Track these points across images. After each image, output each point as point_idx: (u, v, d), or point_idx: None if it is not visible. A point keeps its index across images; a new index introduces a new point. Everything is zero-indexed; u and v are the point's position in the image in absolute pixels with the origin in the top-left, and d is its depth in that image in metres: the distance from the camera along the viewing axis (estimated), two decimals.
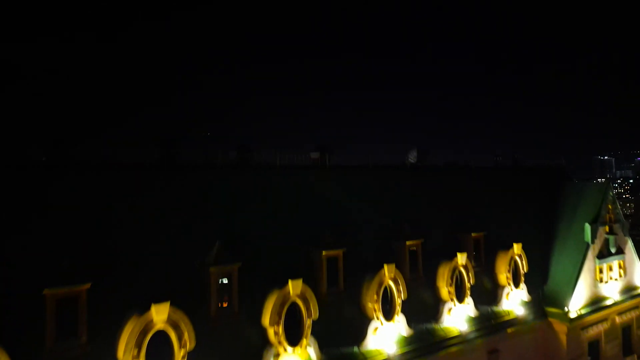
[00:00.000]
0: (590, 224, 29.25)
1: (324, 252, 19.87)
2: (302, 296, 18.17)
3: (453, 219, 26.61)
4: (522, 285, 27.04)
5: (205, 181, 19.58)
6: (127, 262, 15.92)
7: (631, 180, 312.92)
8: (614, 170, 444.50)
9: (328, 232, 20.48)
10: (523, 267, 26.98)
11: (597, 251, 29.64)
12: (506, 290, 26.33)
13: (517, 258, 26.88)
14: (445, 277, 23.44)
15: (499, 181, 31.20)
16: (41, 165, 16.81)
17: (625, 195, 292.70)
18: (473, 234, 25.85)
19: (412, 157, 42.81)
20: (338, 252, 20.33)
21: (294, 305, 18.03)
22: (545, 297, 28.40)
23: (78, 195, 16.36)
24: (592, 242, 29.17)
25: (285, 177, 21.71)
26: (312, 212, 21.47)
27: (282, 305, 17.71)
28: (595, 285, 29.39)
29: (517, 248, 26.78)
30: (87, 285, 14.38)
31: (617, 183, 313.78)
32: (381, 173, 25.28)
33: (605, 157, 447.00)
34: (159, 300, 14.75)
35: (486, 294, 25.88)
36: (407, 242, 22.75)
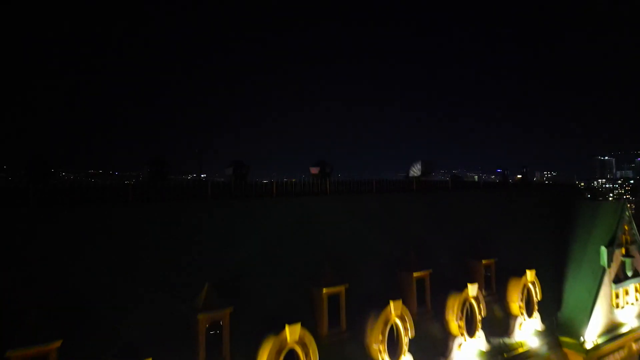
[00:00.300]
0: (606, 247, 27.61)
1: (324, 290, 18.16)
2: (301, 341, 16.47)
3: (462, 244, 24.93)
4: (536, 314, 25.38)
5: (190, 213, 17.68)
6: (102, 312, 14.20)
7: (632, 181, 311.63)
8: (614, 170, 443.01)
9: (329, 266, 18.79)
10: (537, 295, 25.31)
11: (613, 275, 28.01)
12: (519, 320, 24.65)
13: (531, 286, 25.20)
14: (455, 310, 21.74)
15: (509, 200, 29.49)
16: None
17: (626, 196, 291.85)
18: (484, 261, 24.17)
19: (417, 169, 41.19)
20: (340, 289, 18.63)
21: (292, 352, 16.35)
22: (560, 326, 26.75)
23: (43, 236, 14.61)
24: (609, 266, 27.55)
25: (281, 204, 19.95)
26: (311, 242, 19.74)
27: (278, 353, 16.02)
28: (611, 312, 27.76)
29: (530, 275, 25.10)
30: (58, 343, 12.69)
31: (617, 184, 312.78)
32: (385, 196, 23.52)
33: (606, 157, 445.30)
34: (140, 357, 13.08)
35: (498, 325, 24.20)
36: (415, 274, 21.07)
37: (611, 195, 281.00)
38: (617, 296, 28.04)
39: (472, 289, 22.23)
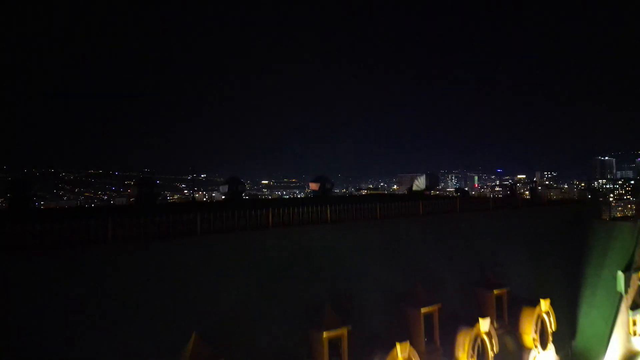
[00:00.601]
0: (622, 271, 26.01)
1: (324, 334, 16.52)
2: None
3: (472, 271, 23.35)
4: (550, 345, 23.78)
5: (176, 252, 15.92)
6: None
7: (632, 181, 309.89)
8: (614, 170, 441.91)
9: (329, 306, 17.17)
10: (551, 325, 23.71)
11: (630, 302, 26.39)
12: (532, 353, 23.06)
13: (545, 316, 23.60)
14: (466, 347, 20.15)
15: (519, 220, 27.83)
16: None
17: (627, 196, 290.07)
18: (495, 291, 22.56)
19: (421, 183, 39.60)
20: (342, 332, 16.99)
21: None
22: (575, 356, 25.20)
23: (10, 284, 12.95)
24: (625, 292, 25.94)
25: (278, 236, 18.26)
26: (310, 279, 18.07)
27: None
28: (628, 340, 26.17)
29: (544, 305, 23.49)
30: None
31: (618, 184, 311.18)
32: (389, 222, 21.85)
33: (606, 158, 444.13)
34: None
35: (510, 359, 22.63)
36: (423, 310, 19.46)
37: (612, 195, 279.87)
38: (634, 323, 26.43)
39: (484, 324, 20.64)
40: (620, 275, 25.94)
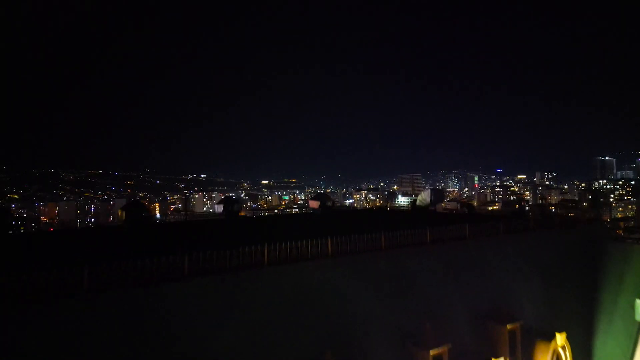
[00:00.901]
0: None
1: None
2: None
3: (482, 304, 21.81)
4: None
5: (159, 300, 14.35)
6: None
7: (632, 182, 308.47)
8: (614, 170, 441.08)
9: (329, 354, 15.63)
10: None
11: None
12: None
13: (561, 350, 22.08)
14: None
15: (530, 242, 26.27)
16: None
17: (627, 197, 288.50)
18: (509, 326, 21.02)
19: (425, 197, 38.05)
20: None
21: None
22: None
23: None
24: None
25: (274, 276, 16.71)
26: (309, 323, 16.52)
27: None
28: None
29: (560, 339, 21.96)
30: None
31: (618, 184, 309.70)
32: (395, 252, 20.30)
33: (606, 158, 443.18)
34: None
35: None
36: (432, 352, 17.93)
37: (612, 196, 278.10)
38: None
39: None
40: (639, 303, 24.42)
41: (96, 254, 19.28)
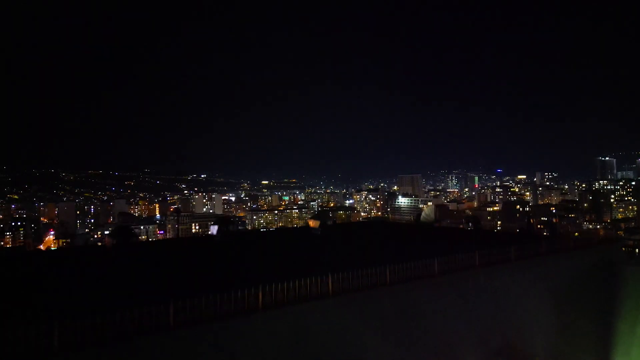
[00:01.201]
0: None
1: None
2: None
3: (493, 338, 20.37)
4: None
5: (136, 354, 12.89)
6: None
7: (633, 182, 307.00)
8: (615, 171, 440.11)
9: None
10: None
11: None
12: None
13: None
14: None
15: (542, 268, 24.77)
16: None
17: (628, 197, 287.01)
18: None
19: (429, 213, 36.59)
20: None
21: None
22: None
23: None
24: None
25: (270, 321, 15.22)
26: None
27: None
28: None
29: None
30: None
31: (619, 185, 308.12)
32: (400, 287, 18.80)
33: (607, 158, 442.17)
34: None
35: None
36: None
37: (613, 197, 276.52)
38: None
39: None
40: None
41: (70, 302, 17.80)
